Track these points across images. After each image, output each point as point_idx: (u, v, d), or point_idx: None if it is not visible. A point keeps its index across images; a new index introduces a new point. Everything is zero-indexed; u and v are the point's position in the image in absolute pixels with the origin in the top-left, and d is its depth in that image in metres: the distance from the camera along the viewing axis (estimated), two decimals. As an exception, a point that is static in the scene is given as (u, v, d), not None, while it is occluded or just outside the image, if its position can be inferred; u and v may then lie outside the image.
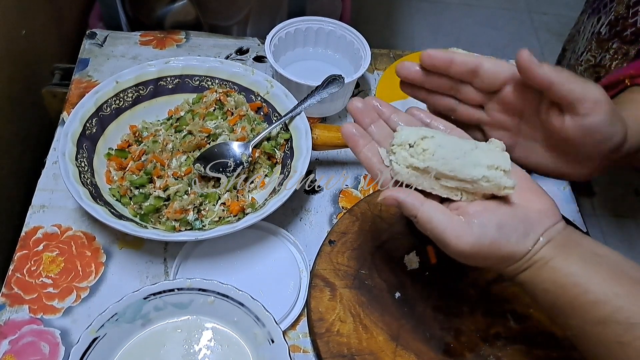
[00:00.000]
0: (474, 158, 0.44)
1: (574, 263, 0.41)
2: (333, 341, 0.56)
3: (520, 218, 0.43)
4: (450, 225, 0.42)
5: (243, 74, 0.73)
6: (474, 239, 0.42)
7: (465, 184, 0.44)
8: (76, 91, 0.78)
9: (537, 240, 0.43)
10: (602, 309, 0.39)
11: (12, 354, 0.56)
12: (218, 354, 0.56)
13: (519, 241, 0.42)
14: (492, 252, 0.42)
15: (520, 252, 0.43)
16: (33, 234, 0.64)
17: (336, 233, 0.64)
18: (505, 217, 0.43)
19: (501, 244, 0.42)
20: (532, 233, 0.43)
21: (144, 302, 0.56)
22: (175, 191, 0.63)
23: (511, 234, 0.42)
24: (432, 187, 0.45)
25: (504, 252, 0.42)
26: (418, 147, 0.44)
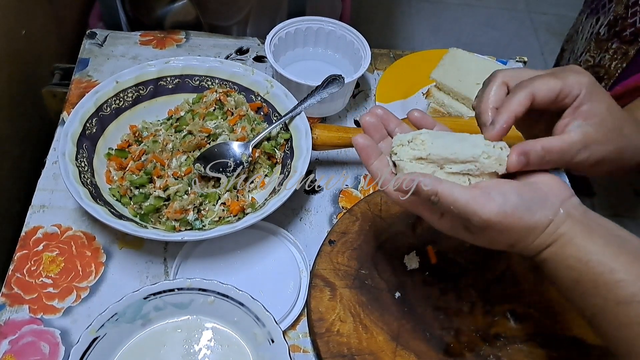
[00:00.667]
0: (471, 141, 0.46)
1: (598, 242, 0.41)
2: (333, 341, 0.56)
3: (535, 190, 0.44)
4: (472, 196, 0.42)
5: (243, 74, 0.73)
6: (498, 206, 0.42)
7: (469, 165, 0.45)
8: (76, 91, 0.78)
9: (557, 212, 0.43)
10: (625, 288, 0.39)
11: (12, 354, 0.56)
12: (218, 354, 0.56)
13: (539, 210, 0.42)
14: (515, 221, 0.42)
15: (543, 223, 0.42)
16: (33, 234, 0.64)
17: (336, 233, 0.64)
18: (520, 188, 0.43)
19: (523, 212, 0.42)
20: (550, 203, 0.43)
21: (144, 302, 0.56)
22: (175, 191, 0.63)
23: (531, 203, 0.42)
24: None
25: (527, 221, 0.42)
26: (417, 141, 0.46)
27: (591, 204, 1.57)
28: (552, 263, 0.43)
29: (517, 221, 0.42)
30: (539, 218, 0.42)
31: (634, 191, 1.65)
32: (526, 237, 0.43)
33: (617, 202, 1.63)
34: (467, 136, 0.46)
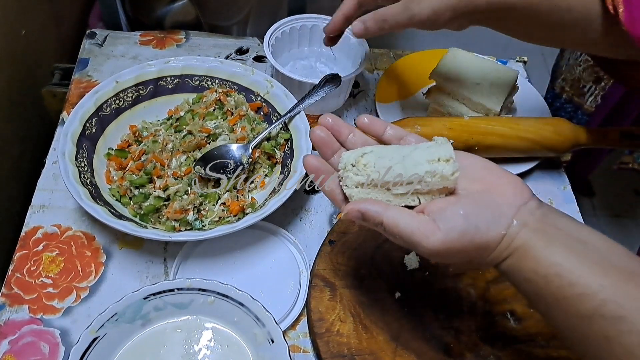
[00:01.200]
0: (414, 158, 0.44)
1: (556, 252, 0.39)
2: (333, 341, 0.56)
3: (486, 203, 0.42)
4: (417, 225, 0.41)
5: (243, 74, 0.73)
6: (443, 234, 0.40)
7: (415, 185, 0.43)
8: (76, 91, 0.78)
9: (511, 224, 0.41)
10: (587, 302, 0.38)
11: (11, 354, 0.56)
12: (218, 354, 0.56)
13: (489, 227, 0.41)
14: (464, 244, 0.41)
15: (495, 239, 0.41)
16: (33, 234, 0.64)
17: (336, 233, 0.64)
18: (469, 207, 0.42)
19: (471, 233, 0.40)
20: (503, 217, 0.41)
21: (144, 302, 0.56)
22: (175, 191, 0.63)
23: (479, 221, 0.41)
24: (387, 200, 0.44)
25: (477, 242, 0.41)
26: (359, 165, 0.45)
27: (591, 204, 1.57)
28: (511, 275, 0.42)
29: (466, 244, 0.41)
30: (490, 236, 0.41)
31: (634, 191, 1.65)
32: (480, 255, 0.42)
33: (617, 202, 1.63)
34: (412, 149, 0.45)
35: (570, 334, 0.40)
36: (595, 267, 0.38)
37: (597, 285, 0.38)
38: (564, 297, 0.38)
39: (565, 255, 0.39)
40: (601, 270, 0.38)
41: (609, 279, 0.38)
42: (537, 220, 0.41)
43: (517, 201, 0.42)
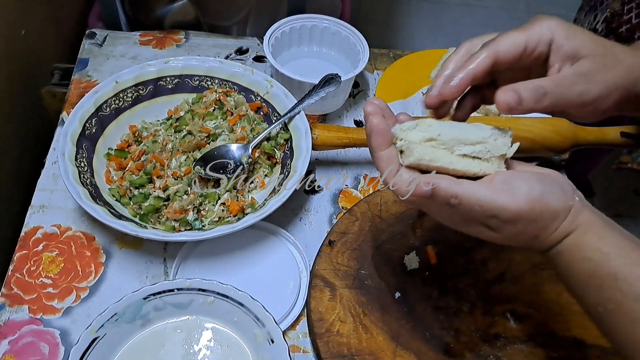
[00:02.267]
0: (476, 125, 0.44)
1: (616, 233, 0.40)
2: (333, 341, 0.56)
3: (550, 179, 0.42)
4: (494, 192, 0.40)
5: (243, 74, 0.73)
6: (525, 195, 0.40)
7: (479, 147, 0.43)
8: (76, 91, 0.78)
9: (575, 199, 0.41)
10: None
11: (11, 354, 0.56)
12: (218, 354, 0.56)
13: (561, 196, 0.41)
14: (543, 207, 0.40)
15: (565, 208, 0.41)
16: (33, 234, 0.64)
17: (336, 233, 0.64)
18: (536, 177, 0.41)
19: (549, 197, 0.40)
20: (567, 191, 0.41)
21: (144, 302, 0.56)
22: (175, 191, 0.63)
23: (553, 189, 0.41)
24: (450, 161, 0.42)
25: (555, 207, 0.40)
26: (423, 125, 0.43)
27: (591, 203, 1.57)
28: (568, 255, 0.41)
29: (545, 207, 0.40)
30: (562, 203, 0.40)
31: (634, 191, 1.65)
32: (550, 225, 0.41)
33: (617, 202, 1.63)
34: (470, 124, 0.44)
35: (621, 316, 0.39)
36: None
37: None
38: (624, 276, 0.38)
39: (623, 238, 0.40)
40: None
41: None
42: (591, 207, 0.42)
43: (571, 185, 0.42)
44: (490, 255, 0.64)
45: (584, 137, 0.71)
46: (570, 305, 0.60)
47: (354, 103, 0.82)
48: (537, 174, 0.42)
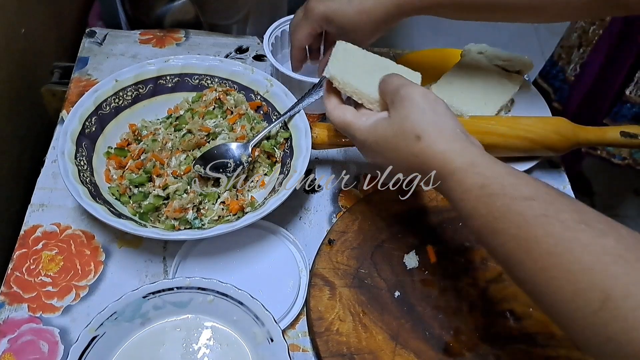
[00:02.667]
0: (388, 64, 0.59)
1: (500, 166, 0.45)
2: (332, 340, 0.56)
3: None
4: (354, 115, 0.56)
5: (243, 73, 0.73)
6: (374, 121, 0.53)
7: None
8: (75, 90, 0.78)
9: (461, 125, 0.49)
10: (528, 186, 0.42)
11: (11, 353, 0.56)
12: (217, 353, 0.56)
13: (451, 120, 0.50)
14: (395, 130, 0.50)
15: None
16: (32, 233, 0.64)
17: (336, 232, 0.64)
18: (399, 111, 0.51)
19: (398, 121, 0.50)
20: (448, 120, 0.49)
21: (143, 301, 0.56)
22: (175, 190, 0.63)
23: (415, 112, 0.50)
24: (356, 87, 0.57)
25: (408, 129, 0.49)
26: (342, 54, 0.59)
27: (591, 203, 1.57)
28: (462, 173, 0.45)
29: (396, 130, 0.49)
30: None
31: (634, 191, 1.65)
32: (412, 145, 0.48)
33: (617, 202, 1.63)
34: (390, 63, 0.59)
35: (511, 216, 0.41)
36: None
37: (533, 181, 0.43)
38: (510, 183, 0.43)
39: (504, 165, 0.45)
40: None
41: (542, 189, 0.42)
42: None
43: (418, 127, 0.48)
44: (490, 254, 0.64)
45: (584, 137, 0.71)
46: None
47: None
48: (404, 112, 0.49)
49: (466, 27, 2.05)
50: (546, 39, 2.10)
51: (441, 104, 0.50)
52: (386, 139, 0.50)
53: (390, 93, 0.51)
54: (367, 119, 0.53)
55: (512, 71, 0.79)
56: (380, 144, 0.51)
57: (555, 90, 1.03)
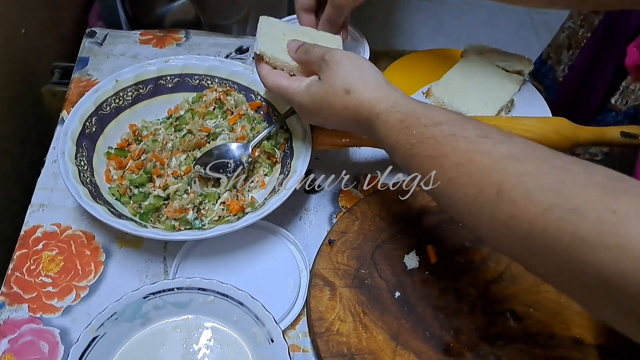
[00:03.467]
0: (312, 35, 0.66)
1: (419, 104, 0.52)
2: (333, 340, 0.56)
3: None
4: (289, 81, 0.59)
5: (243, 73, 0.73)
6: (307, 82, 0.57)
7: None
8: (76, 90, 0.78)
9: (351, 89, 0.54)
10: (439, 114, 0.49)
11: (11, 353, 0.56)
12: (217, 353, 0.56)
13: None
14: (327, 90, 0.55)
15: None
16: (32, 233, 0.64)
17: (336, 232, 0.64)
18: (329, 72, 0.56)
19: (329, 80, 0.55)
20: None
21: (144, 301, 0.56)
22: (175, 190, 0.63)
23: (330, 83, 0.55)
24: (277, 56, 0.61)
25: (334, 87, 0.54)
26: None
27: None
28: (385, 114, 0.51)
29: (328, 90, 0.54)
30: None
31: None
32: (340, 99, 0.53)
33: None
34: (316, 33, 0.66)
35: (428, 143, 0.47)
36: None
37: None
38: (424, 115, 0.49)
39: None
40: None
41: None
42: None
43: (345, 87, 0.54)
44: (490, 254, 0.64)
45: (584, 137, 0.71)
46: (570, 305, 0.60)
47: (354, 102, 0.82)
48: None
49: (466, 27, 2.06)
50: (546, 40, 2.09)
51: (363, 60, 0.56)
52: (320, 97, 0.55)
53: (317, 61, 0.57)
54: (301, 83, 0.58)
55: (512, 71, 0.79)
56: (316, 103, 0.56)
57: (545, 88, 1.04)
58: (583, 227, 0.35)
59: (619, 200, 0.34)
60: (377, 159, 0.75)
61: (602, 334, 0.58)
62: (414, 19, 2.10)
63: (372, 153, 0.76)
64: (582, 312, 0.60)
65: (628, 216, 0.33)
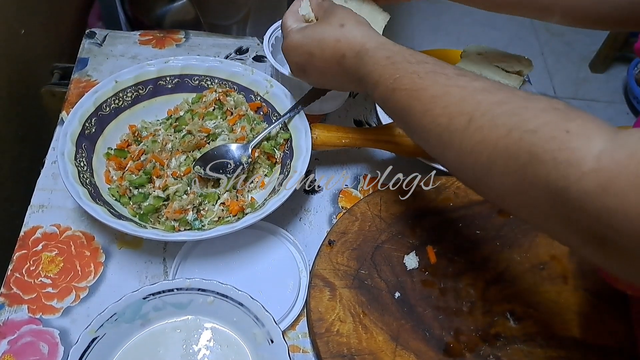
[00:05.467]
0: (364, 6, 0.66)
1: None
2: (333, 341, 0.56)
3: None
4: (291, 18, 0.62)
5: (242, 74, 0.73)
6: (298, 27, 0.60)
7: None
8: (75, 91, 0.78)
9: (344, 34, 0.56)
10: (421, 57, 0.51)
11: (11, 354, 0.56)
12: (217, 354, 0.56)
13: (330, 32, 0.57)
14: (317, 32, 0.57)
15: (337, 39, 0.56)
16: (32, 234, 0.64)
17: (336, 233, 0.64)
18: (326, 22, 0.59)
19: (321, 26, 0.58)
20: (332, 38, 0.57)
21: (143, 302, 0.56)
22: (175, 191, 0.62)
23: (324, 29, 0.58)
24: None
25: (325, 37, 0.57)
26: None
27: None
28: (373, 51, 0.53)
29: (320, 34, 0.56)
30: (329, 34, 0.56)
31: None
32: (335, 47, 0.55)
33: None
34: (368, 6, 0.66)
35: (404, 79, 0.49)
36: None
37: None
38: (408, 53, 0.52)
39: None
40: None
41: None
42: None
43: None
44: (490, 255, 0.64)
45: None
46: (570, 305, 0.60)
47: (354, 103, 0.82)
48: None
49: (466, 27, 2.06)
50: (546, 40, 2.10)
51: (361, 16, 0.59)
52: (312, 36, 0.57)
53: (321, 11, 0.61)
54: (300, 24, 0.61)
55: (512, 71, 0.79)
56: (307, 39, 0.58)
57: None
58: (538, 145, 0.37)
59: (572, 122, 0.37)
60: (377, 159, 0.75)
61: (602, 334, 0.58)
62: (414, 20, 2.10)
63: (372, 153, 0.76)
64: (582, 312, 0.60)
65: (578, 135, 0.36)
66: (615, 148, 0.34)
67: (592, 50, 2.01)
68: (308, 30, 0.58)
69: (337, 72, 0.57)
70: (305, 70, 0.60)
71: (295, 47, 0.59)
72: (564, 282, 0.62)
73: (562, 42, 2.09)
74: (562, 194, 0.36)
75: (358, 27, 0.56)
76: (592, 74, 2.03)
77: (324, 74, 0.59)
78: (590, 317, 0.59)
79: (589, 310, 0.60)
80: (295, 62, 0.61)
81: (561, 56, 2.05)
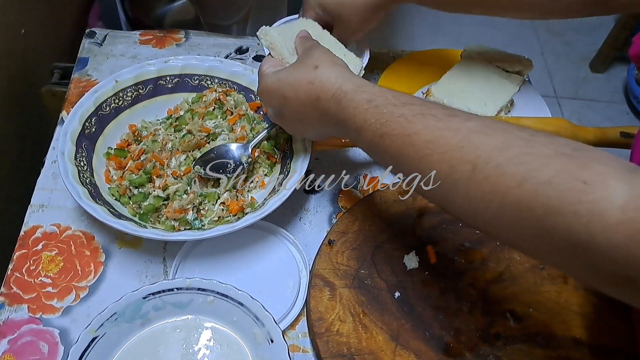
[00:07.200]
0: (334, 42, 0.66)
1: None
2: (332, 341, 0.56)
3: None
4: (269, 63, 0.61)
5: (243, 73, 0.73)
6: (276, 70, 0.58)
7: None
8: (75, 90, 0.78)
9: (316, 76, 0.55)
10: (404, 98, 0.49)
11: (11, 354, 0.56)
12: (217, 353, 0.56)
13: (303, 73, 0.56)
14: (293, 74, 0.56)
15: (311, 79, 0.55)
16: (32, 234, 0.64)
17: (336, 233, 0.64)
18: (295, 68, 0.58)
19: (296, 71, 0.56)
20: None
21: (143, 302, 0.56)
22: (175, 191, 0.62)
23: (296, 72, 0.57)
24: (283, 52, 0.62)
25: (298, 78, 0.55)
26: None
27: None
28: (352, 93, 0.51)
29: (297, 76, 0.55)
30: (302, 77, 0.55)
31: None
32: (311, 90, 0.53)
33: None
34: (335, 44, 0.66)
35: (390, 117, 0.48)
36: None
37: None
38: (391, 95, 0.50)
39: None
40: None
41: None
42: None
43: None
44: (490, 255, 0.64)
45: (583, 137, 0.71)
46: (570, 305, 0.60)
47: (354, 103, 0.82)
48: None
49: (466, 27, 2.06)
50: (546, 40, 2.10)
51: (339, 58, 0.57)
52: (286, 78, 0.56)
53: (301, 50, 0.59)
54: (275, 68, 0.59)
55: (512, 71, 0.79)
56: (280, 82, 0.56)
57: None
58: (555, 198, 0.37)
59: (587, 171, 0.36)
60: (377, 159, 0.75)
61: (602, 334, 0.58)
62: (414, 20, 2.10)
63: (372, 153, 0.76)
64: (582, 312, 0.60)
65: (596, 185, 0.35)
66: (638, 195, 0.34)
67: (592, 50, 2.01)
68: (282, 73, 0.56)
69: (314, 115, 0.55)
70: (282, 114, 0.58)
71: (269, 91, 0.57)
72: (564, 282, 0.62)
73: (562, 42, 2.09)
74: (587, 245, 0.35)
75: (333, 68, 0.53)
76: (592, 73, 2.03)
77: (300, 118, 0.57)
78: (590, 317, 0.59)
79: (589, 310, 0.60)
80: (271, 106, 0.59)
81: (561, 56, 2.05)
